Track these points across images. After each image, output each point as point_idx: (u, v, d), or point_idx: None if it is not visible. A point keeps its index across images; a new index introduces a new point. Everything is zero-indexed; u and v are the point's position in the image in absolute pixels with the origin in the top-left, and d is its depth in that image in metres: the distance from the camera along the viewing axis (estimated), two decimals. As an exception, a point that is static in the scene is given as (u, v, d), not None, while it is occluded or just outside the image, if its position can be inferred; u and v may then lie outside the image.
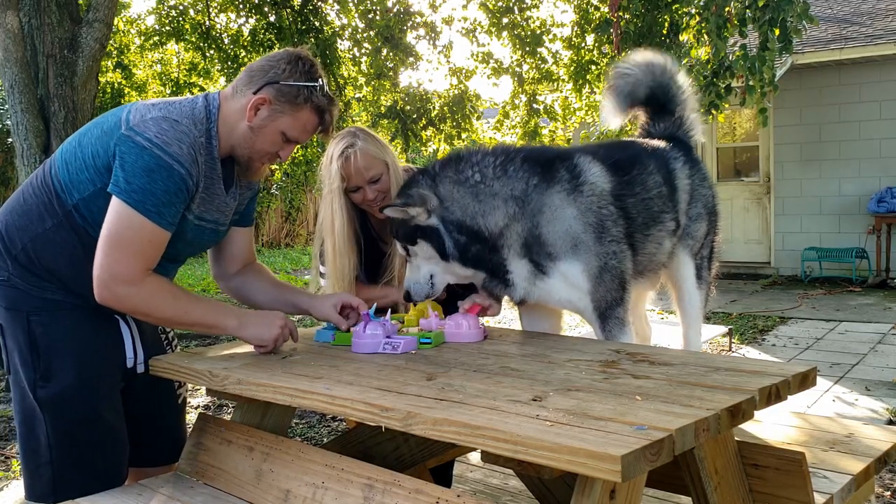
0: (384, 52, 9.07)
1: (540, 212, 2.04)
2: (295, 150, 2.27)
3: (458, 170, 2.10)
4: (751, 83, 6.17)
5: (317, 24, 8.99)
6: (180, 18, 9.76)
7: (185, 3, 9.80)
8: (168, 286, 1.91)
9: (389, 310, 2.15)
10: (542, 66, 9.60)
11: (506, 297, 2.20)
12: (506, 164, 2.09)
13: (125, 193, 1.77)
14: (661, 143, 2.41)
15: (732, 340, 6.06)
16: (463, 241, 2.07)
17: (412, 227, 2.10)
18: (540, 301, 2.15)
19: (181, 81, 10.86)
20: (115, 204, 1.78)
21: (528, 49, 9.34)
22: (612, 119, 2.60)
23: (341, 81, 9.24)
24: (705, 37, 6.71)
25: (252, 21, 9.51)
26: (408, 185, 2.18)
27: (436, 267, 2.13)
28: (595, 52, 8.87)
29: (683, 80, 2.59)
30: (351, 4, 9.08)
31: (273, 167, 2.16)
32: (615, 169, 2.15)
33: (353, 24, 9.41)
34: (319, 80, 1.95)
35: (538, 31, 9.36)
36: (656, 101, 2.55)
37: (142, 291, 1.82)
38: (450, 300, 2.30)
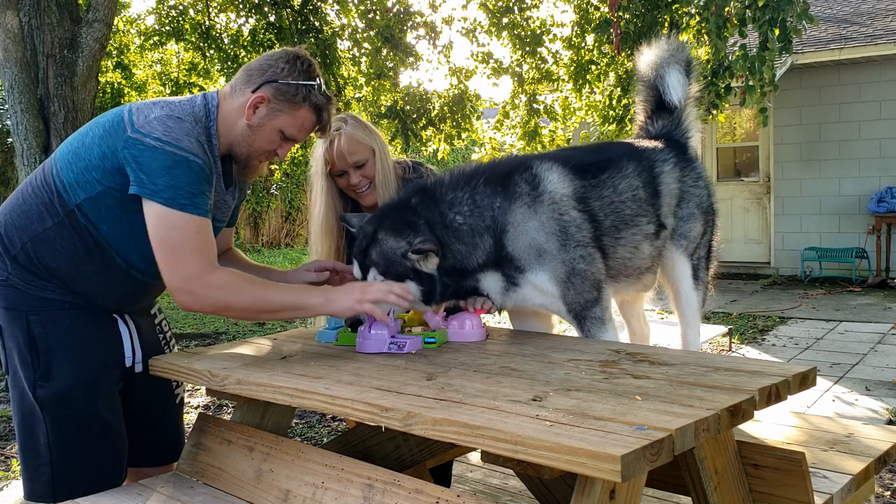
0: (384, 52, 9.05)
1: (505, 231, 2.04)
2: (295, 150, 2.28)
3: (440, 213, 2.05)
4: (751, 83, 6.16)
5: (317, 24, 8.97)
6: (180, 18, 9.75)
7: (185, 3, 9.79)
8: (239, 274, 1.90)
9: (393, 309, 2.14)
10: (542, 66, 9.58)
11: None
12: (473, 196, 2.06)
13: (155, 195, 1.77)
14: (650, 145, 2.38)
15: (732, 340, 6.06)
16: (447, 282, 2.06)
17: (407, 268, 2.01)
18: (517, 306, 2.17)
19: (181, 81, 10.86)
20: (151, 208, 1.78)
21: (528, 49, 9.33)
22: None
23: (341, 81, 9.22)
24: (705, 37, 6.71)
25: (252, 21, 9.50)
26: (408, 224, 2.04)
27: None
28: (595, 52, 8.85)
29: (680, 76, 2.50)
30: (351, 4, 9.07)
31: (273, 167, 2.16)
32: (578, 172, 2.12)
33: (353, 24, 9.40)
34: (317, 78, 1.96)
35: (538, 31, 9.34)
36: (654, 97, 2.53)
37: (218, 282, 1.81)
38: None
